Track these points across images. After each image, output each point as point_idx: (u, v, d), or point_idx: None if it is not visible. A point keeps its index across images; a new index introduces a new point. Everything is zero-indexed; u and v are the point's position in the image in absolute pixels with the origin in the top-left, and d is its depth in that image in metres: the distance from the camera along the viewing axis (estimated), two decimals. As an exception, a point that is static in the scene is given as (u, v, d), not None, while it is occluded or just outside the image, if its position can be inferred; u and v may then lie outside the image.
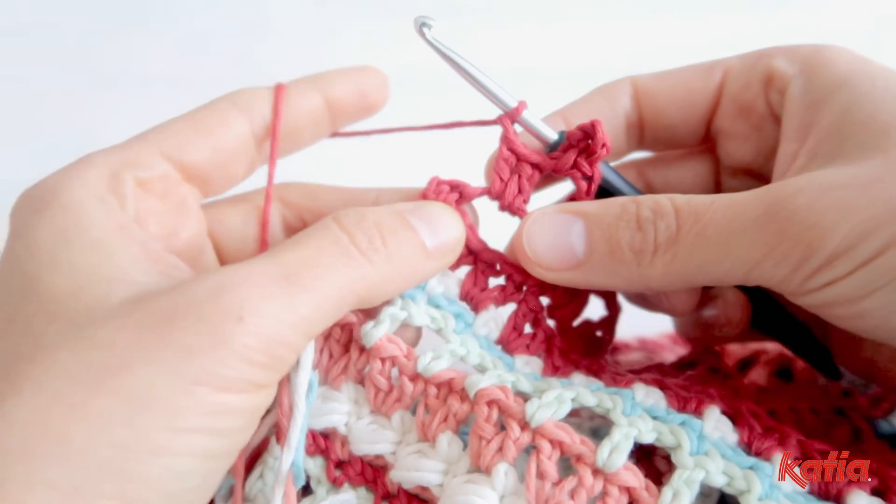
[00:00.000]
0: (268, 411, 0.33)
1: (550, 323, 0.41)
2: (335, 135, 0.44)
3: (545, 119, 0.42)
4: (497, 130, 0.41)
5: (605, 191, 0.42)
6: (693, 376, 0.42)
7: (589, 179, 0.40)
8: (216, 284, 0.30)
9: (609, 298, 0.44)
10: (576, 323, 0.43)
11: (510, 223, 0.42)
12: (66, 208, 0.32)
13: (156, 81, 0.40)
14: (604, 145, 0.39)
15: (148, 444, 0.28)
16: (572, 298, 0.41)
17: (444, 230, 0.37)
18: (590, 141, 0.40)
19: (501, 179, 0.40)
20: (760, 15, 0.85)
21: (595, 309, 0.44)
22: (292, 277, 0.31)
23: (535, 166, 0.41)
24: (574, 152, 0.40)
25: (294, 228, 0.43)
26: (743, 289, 0.45)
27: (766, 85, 0.42)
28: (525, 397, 0.34)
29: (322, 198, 0.43)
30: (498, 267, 0.41)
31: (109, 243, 0.32)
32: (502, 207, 0.41)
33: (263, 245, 0.41)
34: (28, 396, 0.27)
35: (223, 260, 0.41)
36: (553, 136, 0.41)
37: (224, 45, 0.80)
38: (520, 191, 0.41)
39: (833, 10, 0.84)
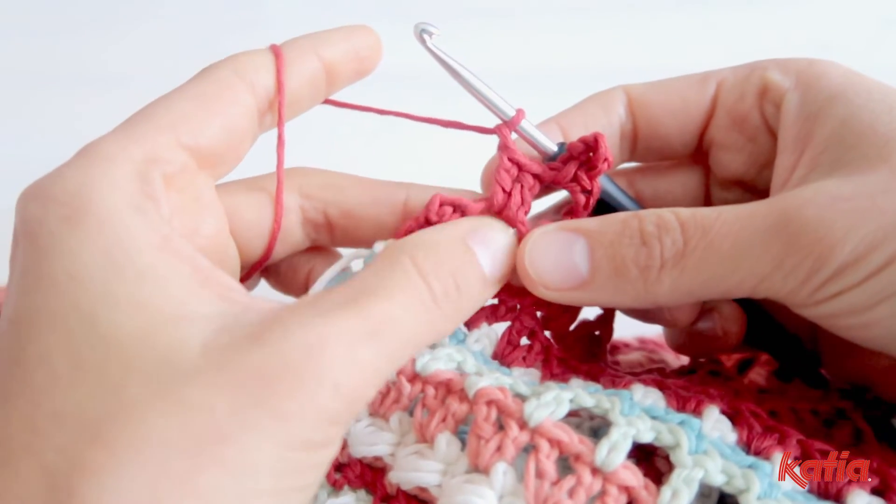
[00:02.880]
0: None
1: (546, 334, 0.41)
2: (328, 102, 0.42)
3: (539, 126, 0.42)
4: (494, 137, 0.41)
5: (603, 202, 0.41)
6: (693, 378, 0.42)
7: (588, 193, 0.40)
8: (307, 345, 0.28)
9: None
10: (572, 327, 0.42)
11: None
12: (102, 222, 0.30)
13: (150, 79, 0.39)
14: (606, 160, 0.39)
15: None
16: (567, 309, 0.41)
17: (501, 256, 0.37)
18: (591, 154, 0.39)
19: (504, 190, 0.40)
20: (760, 13, 0.85)
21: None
22: (378, 336, 0.30)
23: (536, 177, 0.40)
24: (574, 165, 0.40)
25: (313, 222, 0.42)
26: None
27: (761, 97, 0.42)
28: (523, 398, 0.34)
29: (347, 192, 0.42)
30: None
31: (160, 268, 0.30)
32: (501, 219, 0.40)
33: (273, 239, 0.40)
34: (131, 467, 0.26)
35: (241, 255, 0.40)
36: (552, 146, 0.40)
37: (221, 43, 0.80)
38: (522, 202, 0.40)
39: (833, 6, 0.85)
